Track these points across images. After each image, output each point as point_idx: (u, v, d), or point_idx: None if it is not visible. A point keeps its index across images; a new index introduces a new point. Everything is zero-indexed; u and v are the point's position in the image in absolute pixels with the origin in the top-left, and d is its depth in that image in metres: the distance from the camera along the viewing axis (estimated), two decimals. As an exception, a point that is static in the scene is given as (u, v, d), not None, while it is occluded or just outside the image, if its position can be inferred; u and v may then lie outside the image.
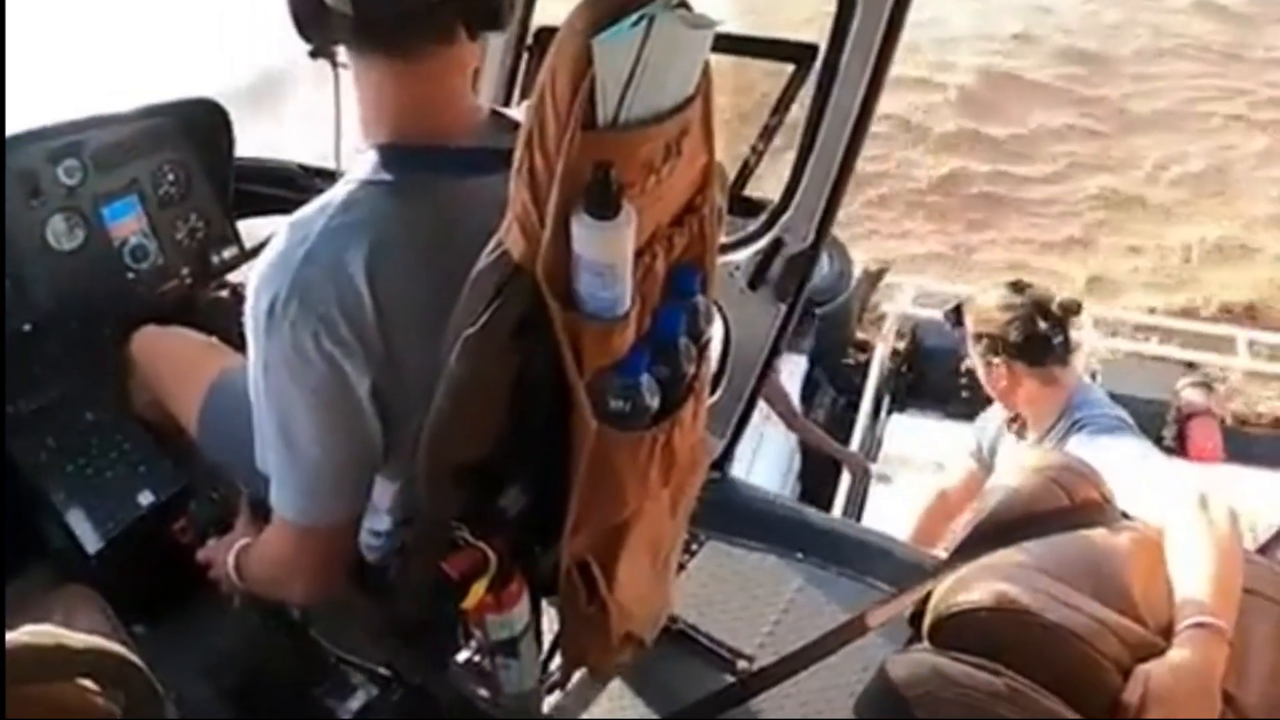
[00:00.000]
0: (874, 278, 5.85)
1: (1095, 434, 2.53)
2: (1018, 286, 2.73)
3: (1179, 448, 5.18)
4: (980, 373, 2.76)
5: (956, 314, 2.82)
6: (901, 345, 5.74)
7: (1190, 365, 5.65)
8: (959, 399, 4.67)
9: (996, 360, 2.68)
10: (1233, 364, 5.79)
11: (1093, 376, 5.29)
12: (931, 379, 5.63)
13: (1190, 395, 5.38)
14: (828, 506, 4.42)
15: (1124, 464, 2.16)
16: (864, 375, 5.47)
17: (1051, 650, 1.47)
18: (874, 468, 4.71)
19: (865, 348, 5.80)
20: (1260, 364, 5.81)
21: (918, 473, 4.45)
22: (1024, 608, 1.50)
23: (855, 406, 5.24)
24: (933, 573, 1.69)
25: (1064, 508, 1.70)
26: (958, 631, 1.54)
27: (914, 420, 5.29)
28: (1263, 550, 1.95)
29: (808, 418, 4.83)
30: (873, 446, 5.03)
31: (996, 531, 1.69)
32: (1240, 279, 7.48)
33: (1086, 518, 1.68)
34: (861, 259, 6.01)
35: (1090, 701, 1.42)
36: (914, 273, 6.80)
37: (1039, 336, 2.62)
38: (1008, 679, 1.42)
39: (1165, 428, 5.24)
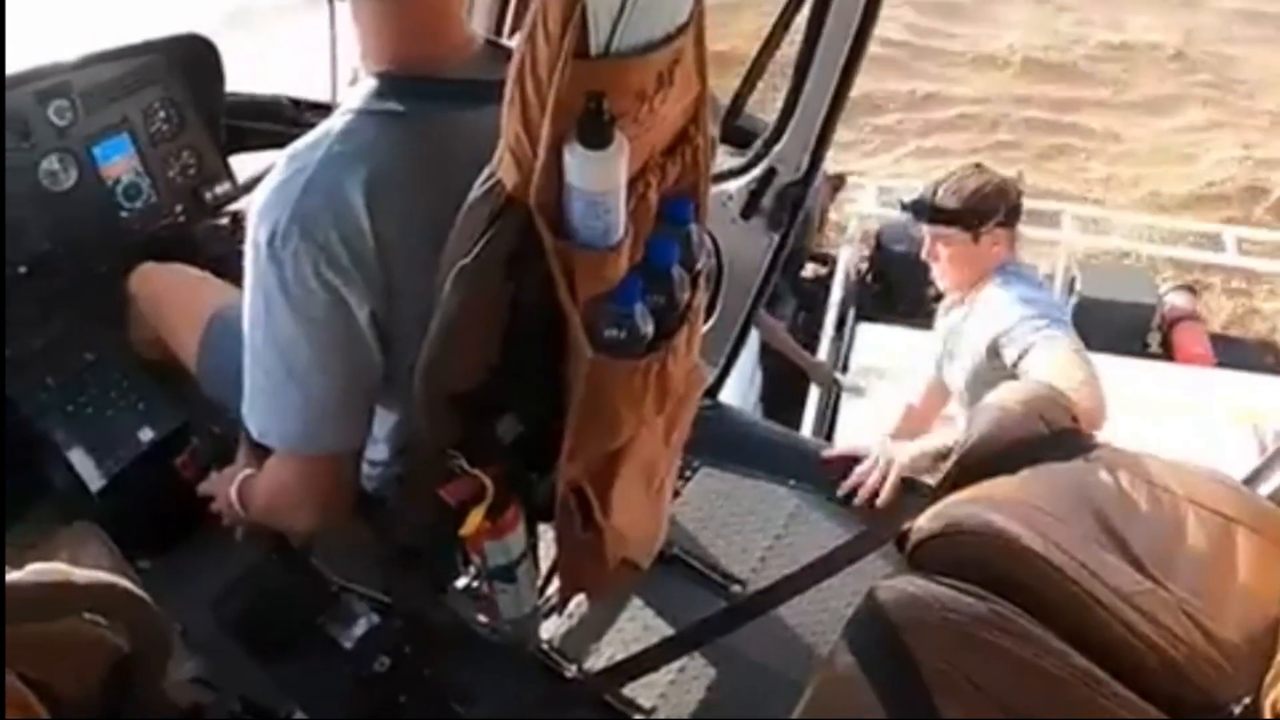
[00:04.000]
0: (833, 185, 5.64)
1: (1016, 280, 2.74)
2: (979, 166, 2.89)
3: (1165, 353, 5.08)
4: (948, 254, 2.85)
5: (918, 206, 2.88)
6: (866, 250, 5.52)
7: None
8: (929, 305, 4.25)
9: (985, 229, 2.77)
10: (1221, 262, 5.65)
11: (1072, 282, 5.23)
12: (899, 284, 5.39)
13: (1175, 299, 5.28)
14: (794, 427, 4.32)
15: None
16: (825, 286, 5.26)
17: (1039, 581, 1.50)
18: (845, 380, 4.59)
19: (824, 260, 5.62)
20: (1249, 262, 5.64)
21: (892, 383, 4.22)
22: (1014, 537, 1.54)
23: (817, 318, 5.06)
24: (921, 500, 1.73)
25: (1044, 437, 1.73)
26: (945, 558, 1.57)
27: (883, 329, 5.00)
28: (1249, 481, 1.97)
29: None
30: (840, 359, 4.85)
31: (981, 462, 1.73)
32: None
33: (1064, 446, 1.71)
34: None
35: (1082, 636, 1.44)
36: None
37: (1016, 202, 2.82)
38: (993, 604, 1.46)
39: (1150, 333, 5.16)
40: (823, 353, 4.75)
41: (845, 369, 4.75)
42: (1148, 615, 1.48)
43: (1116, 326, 5.04)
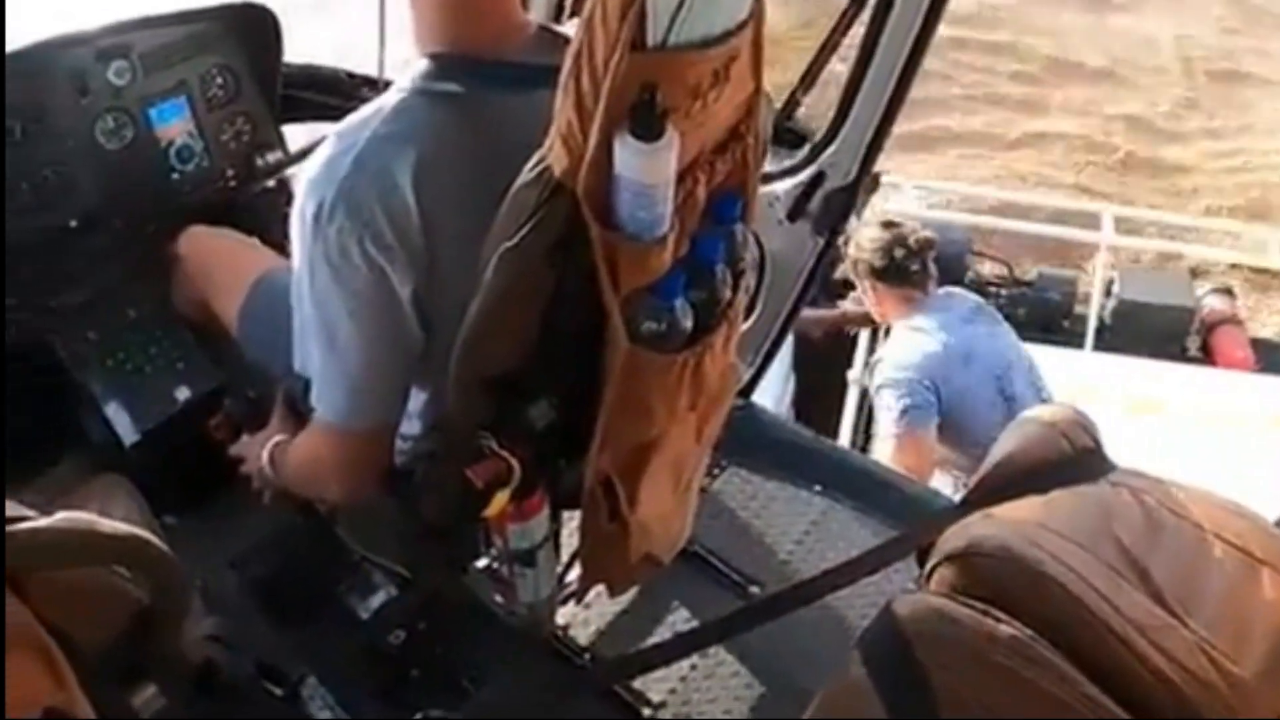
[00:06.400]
0: (869, 183, 5.54)
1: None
2: (888, 224, 3.44)
3: (1205, 357, 4.97)
4: (859, 292, 3.63)
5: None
6: None
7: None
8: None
9: (865, 281, 3.46)
10: (1266, 265, 5.51)
11: (1110, 285, 5.17)
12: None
13: (1213, 302, 5.14)
14: (830, 436, 4.30)
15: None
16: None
17: (1056, 608, 1.48)
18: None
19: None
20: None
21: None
22: (1033, 562, 1.52)
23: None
24: (946, 516, 1.71)
25: (1067, 457, 1.72)
26: (964, 577, 1.55)
27: None
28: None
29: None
30: (877, 364, 4.83)
31: (1007, 481, 1.71)
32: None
33: (1085, 467, 1.70)
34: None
35: (1094, 665, 1.43)
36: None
37: (897, 264, 3.34)
38: (1010, 627, 1.44)
39: (1189, 337, 5.04)
40: (859, 354, 4.67)
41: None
42: (1163, 650, 1.46)
43: (1155, 330, 4.97)
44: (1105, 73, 7.93)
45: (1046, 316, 5.07)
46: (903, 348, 3.27)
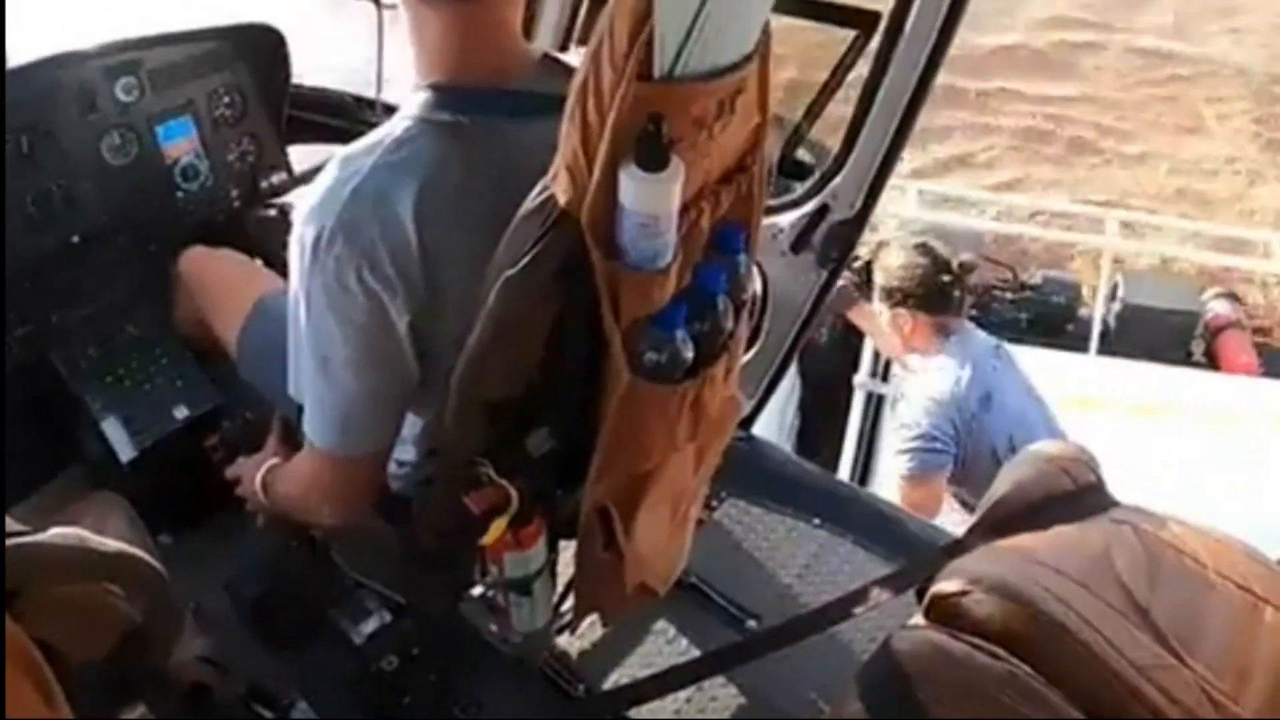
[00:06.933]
0: None
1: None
2: (923, 249, 3.29)
3: (1209, 362, 4.94)
4: (883, 322, 3.38)
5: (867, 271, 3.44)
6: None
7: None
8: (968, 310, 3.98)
9: (903, 310, 3.25)
10: (1264, 269, 5.47)
11: (1114, 289, 5.14)
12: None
13: (1218, 306, 5.11)
14: (835, 440, 4.29)
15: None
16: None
17: (1056, 647, 1.47)
18: (887, 391, 4.48)
19: (859, 268, 5.55)
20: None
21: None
22: (1033, 600, 1.51)
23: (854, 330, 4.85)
24: (946, 551, 1.70)
25: (1069, 492, 1.71)
26: (963, 614, 1.55)
27: None
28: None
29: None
30: (881, 368, 4.67)
31: (1009, 517, 1.70)
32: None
33: (1087, 504, 1.69)
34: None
35: (1094, 703, 1.42)
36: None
37: (940, 289, 3.20)
38: (1009, 665, 1.43)
39: (1193, 342, 5.02)
40: (865, 363, 4.65)
41: (885, 378, 4.68)
42: (1163, 689, 1.45)
43: (1159, 334, 4.97)
44: (1198, 119, 7.80)
45: (1050, 320, 5.06)
46: (926, 388, 3.19)
